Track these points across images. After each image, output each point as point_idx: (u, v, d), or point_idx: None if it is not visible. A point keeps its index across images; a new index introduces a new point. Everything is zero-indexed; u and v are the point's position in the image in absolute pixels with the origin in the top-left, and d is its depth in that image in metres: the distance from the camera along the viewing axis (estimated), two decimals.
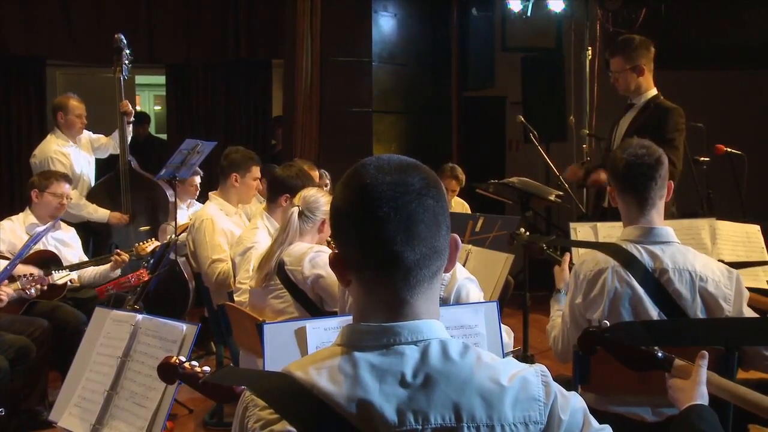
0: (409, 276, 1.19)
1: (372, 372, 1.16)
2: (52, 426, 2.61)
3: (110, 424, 2.37)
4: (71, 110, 5.44)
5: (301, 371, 1.18)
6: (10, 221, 4.61)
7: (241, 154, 4.62)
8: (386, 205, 1.16)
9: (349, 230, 1.21)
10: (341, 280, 1.24)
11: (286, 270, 3.30)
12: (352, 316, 1.25)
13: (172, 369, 1.86)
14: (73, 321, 4.26)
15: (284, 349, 2.41)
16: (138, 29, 6.83)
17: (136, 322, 2.49)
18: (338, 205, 1.22)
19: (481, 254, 3.85)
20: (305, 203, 3.41)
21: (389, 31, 7.04)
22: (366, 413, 1.14)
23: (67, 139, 5.46)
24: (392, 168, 1.20)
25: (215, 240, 4.32)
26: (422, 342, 1.19)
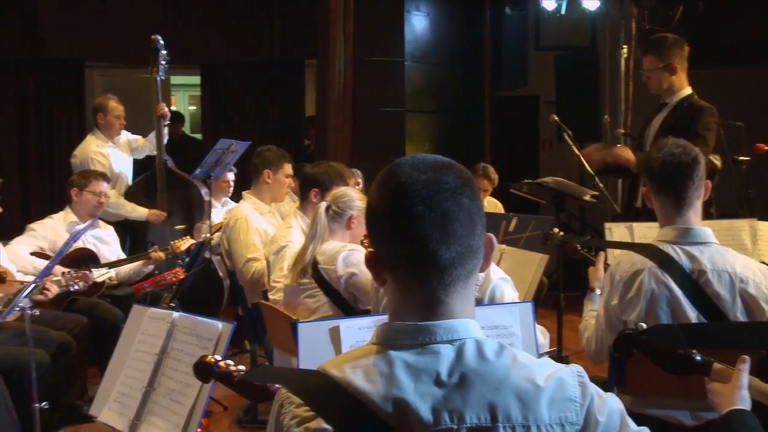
0: (444, 275, 1.19)
1: (407, 371, 1.16)
2: (92, 420, 2.66)
3: (148, 419, 2.41)
4: (111, 111, 5.53)
5: (336, 369, 1.19)
6: (51, 219, 4.70)
7: (273, 151, 4.66)
8: (421, 203, 1.17)
9: (384, 229, 1.21)
10: (377, 279, 1.25)
11: (319, 269, 3.31)
12: (388, 315, 1.25)
13: (207, 368, 1.88)
14: (111, 318, 4.34)
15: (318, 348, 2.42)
16: (174, 30, 6.91)
17: (173, 319, 2.53)
18: (373, 204, 1.23)
19: (515, 254, 3.84)
20: (334, 198, 3.43)
21: (422, 30, 7.03)
22: (401, 412, 1.14)
23: (106, 140, 5.55)
24: (427, 167, 1.20)
25: (249, 239, 4.36)
26: (457, 341, 1.19)
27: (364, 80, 6.76)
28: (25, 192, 6.99)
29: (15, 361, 3.38)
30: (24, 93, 7.07)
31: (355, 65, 6.71)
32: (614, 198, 5.91)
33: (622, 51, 6.84)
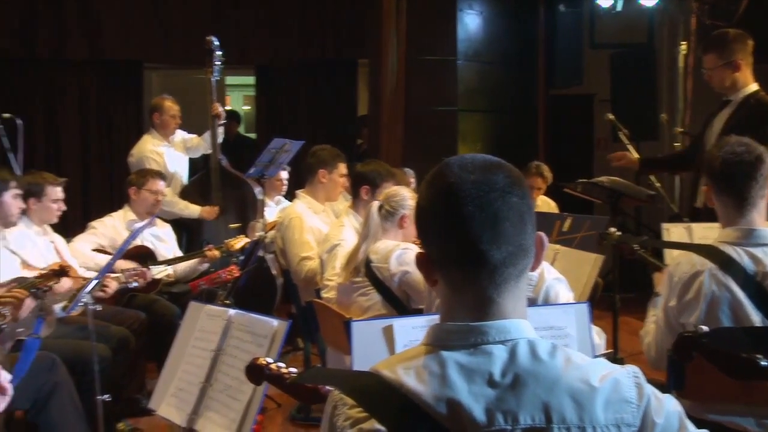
0: (495, 274, 1.18)
1: (460, 371, 1.16)
2: (151, 413, 2.72)
3: (205, 414, 2.45)
4: (166, 111, 5.63)
5: (388, 370, 1.19)
6: (111, 218, 4.82)
7: (327, 151, 4.69)
8: (471, 203, 1.16)
9: (434, 230, 1.21)
10: (428, 280, 1.25)
11: (372, 267, 3.33)
12: (439, 316, 1.25)
13: (258, 370, 1.90)
14: (168, 314, 4.42)
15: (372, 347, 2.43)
16: (228, 31, 7.00)
17: (229, 317, 2.56)
18: (423, 204, 1.23)
19: (570, 254, 3.79)
20: (386, 197, 3.45)
21: (475, 29, 6.99)
22: (455, 413, 1.13)
23: (161, 139, 5.66)
24: (476, 167, 1.20)
25: (303, 238, 4.40)
26: (510, 342, 1.18)
27: (417, 79, 6.75)
28: (86, 190, 7.16)
29: (78, 354, 3.48)
30: (85, 94, 7.24)
31: (407, 64, 6.70)
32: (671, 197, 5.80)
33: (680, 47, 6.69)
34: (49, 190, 4.14)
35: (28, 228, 4.09)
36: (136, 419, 4.12)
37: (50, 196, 4.14)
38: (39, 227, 4.16)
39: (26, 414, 3.27)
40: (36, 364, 3.06)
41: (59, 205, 4.18)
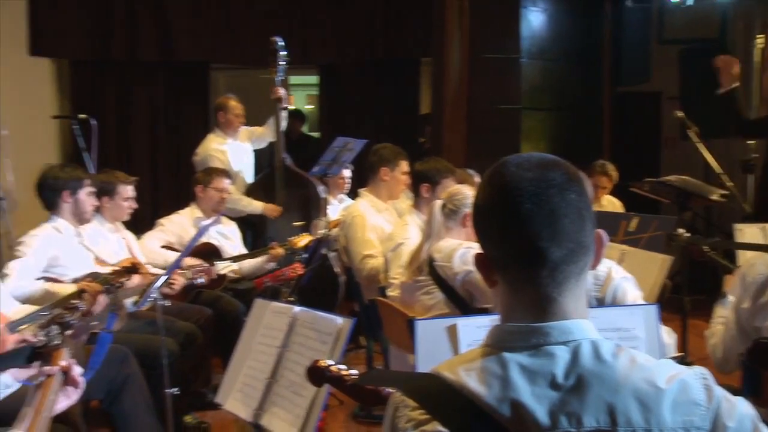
0: (555, 273, 1.16)
1: (522, 373, 1.15)
2: (217, 407, 2.77)
3: (270, 410, 2.48)
4: (231, 110, 5.73)
5: (449, 372, 1.18)
6: (178, 215, 4.94)
7: (389, 149, 4.71)
8: (528, 201, 1.15)
9: (492, 229, 1.20)
10: (487, 281, 1.24)
11: (435, 266, 3.33)
12: (499, 316, 1.24)
13: (319, 372, 1.91)
14: (233, 310, 4.50)
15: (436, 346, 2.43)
16: (292, 31, 7.08)
17: (294, 314, 2.59)
18: (480, 204, 1.23)
19: (637, 255, 3.72)
20: (449, 196, 3.45)
21: (539, 26, 6.90)
22: (518, 415, 1.12)
23: (225, 137, 5.76)
24: (533, 165, 1.19)
25: (366, 236, 4.43)
26: (572, 342, 1.16)
27: (480, 78, 6.70)
28: (155, 189, 7.33)
29: (148, 348, 3.57)
30: (155, 95, 7.42)
31: (470, 63, 6.66)
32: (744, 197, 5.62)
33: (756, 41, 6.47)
34: (121, 189, 4.26)
35: (101, 225, 4.23)
36: (203, 413, 4.20)
37: (122, 195, 4.26)
38: (111, 224, 4.29)
39: (101, 403, 3.37)
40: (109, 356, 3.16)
41: (130, 203, 4.31)
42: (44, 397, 1.93)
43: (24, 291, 3.42)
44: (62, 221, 3.83)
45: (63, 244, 3.78)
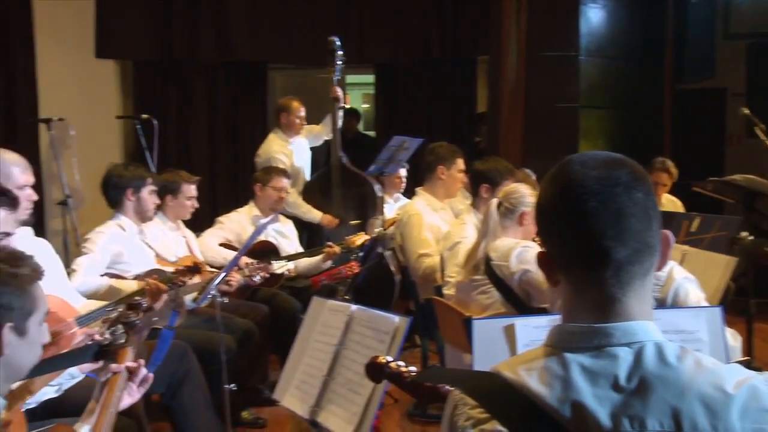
0: (620, 273, 1.14)
1: (584, 374, 1.13)
2: (274, 404, 2.80)
3: (327, 407, 2.49)
4: (293, 111, 5.78)
5: (510, 371, 1.17)
6: (237, 213, 5.01)
7: (445, 148, 4.70)
8: (593, 199, 1.13)
9: (555, 227, 1.18)
10: (549, 281, 1.22)
11: (492, 265, 3.31)
12: (561, 316, 1.22)
13: (378, 368, 1.92)
14: (289, 308, 4.55)
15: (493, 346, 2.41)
16: (349, 31, 7.11)
17: (351, 312, 2.60)
18: (543, 202, 1.21)
19: (699, 256, 3.64)
20: (505, 195, 3.43)
21: (598, 23, 6.79)
22: (579, 416, 1.10)
23: (287, 139, 5.81)
24: (598, 163, 1.17)
25: (422, 235, 4.42)
26: (636, 344, 1.14)
27: (537, 76, 6.63)
28: (213, 187, 7.45)
29: (207, 344, 3.63)
30: (214, 95, 7.54)
31: (527, 61, 6.60)
32: None
33: None
34: (185, 188, 4.35)
35: (163, 223, 4.32)
36: (259, 409, 4.26)
37: (185, 194, 4.35)
38: (173, 223, 4.38)
39: (161, 397, 3.45)
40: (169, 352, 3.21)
41: (193, 202, 4.39)
42: (110, 394, 1.99)
43: (89, 286, 3.52)
44: (126, 219, 3.92)
45: (126, 242, 3.87)
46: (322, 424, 2.48)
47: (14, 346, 1.65)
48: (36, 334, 1.72)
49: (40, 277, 1.73)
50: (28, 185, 2.91)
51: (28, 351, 1.71)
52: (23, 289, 1.66)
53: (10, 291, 1.64)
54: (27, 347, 1.70)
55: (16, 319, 1.65)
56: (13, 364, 1.68)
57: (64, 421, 2.08)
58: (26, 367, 1.74)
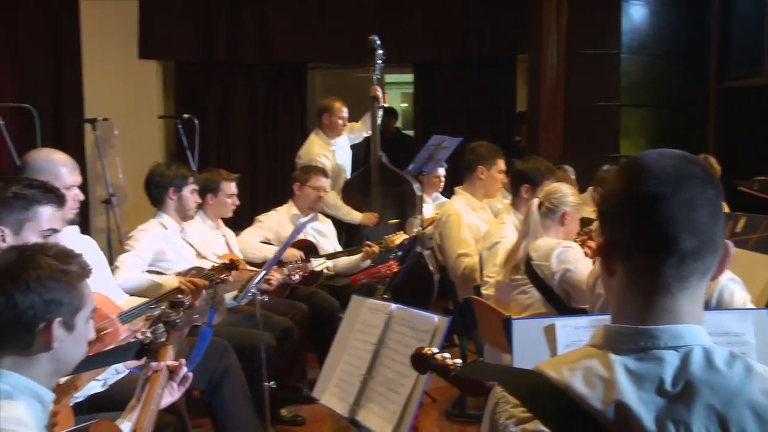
0: (681, 265, 1.12)
1: (628, 376, 1.11)
2: (313, 402, 2.81)
3: (366, 406, 2.50)
4: (336, 112, 5.78)
5: (553, 371, 1.15)
6: (276, 212, 5.05)
7: (486, 147, 4.67)
8: (669, 184, 1.12)
9: (624, 210, 1.16)
10: (606, 269, 1.19)
11: (532, 265, 3.29)
12: (611, 314, 1.20)
13: (424, 359, 1.91)
14: (328, 307, 4.57)
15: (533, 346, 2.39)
16: (389, 30, 7.10)
17: (390, 311, 2.60)
18: (613, 187, 1.19)
19: (744, 256, 3.56)
20: (546, 195, 3.41)
21: (640, 20, 6.69)
22: (623, 418, 1.09)
23: (328, 140, 5.82)
24: (674, 155, 1.17)
25: (461, 234, 4.41)
26: (683, 348, 1.12)
27: (578, 74, 6.56)
28: (253, 186, 7.51)
29: (246, 341, 3.66)
30: (254, 94, 7.60)
31: (568, 59, 6.53)
32: None
33: None
34: (224, 186, 4.39)
35: (203, 222, 4.37)
36: (298, 406, 4.29)
37: (225, 192, 4.39)
38: (213, 221, 4.43)
39: (202, 394, 3.49)
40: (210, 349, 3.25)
41: (233, 200, 4.43)
42: (151, 391, 2.02)
43: (132, 283, 3.57)
44: (167, 217, 3.98)
45: (168, 240, 3.92)
46: (362, 423, 2.48)
47: (62, 341, 1.69)
48: (83, 330, 1.75)
49: (88, 274, 1.77)
50: (75, 185, 2.97)
51: (76, 346, 1.74)
52: (72, 286, 1.70)
53: (60, 287, 1.67)
54: (74, 343, 1.73)
55: (65, 315, 1.69)
56: (61, 359, 1.72)
57: (109, 416, 2.12)
58: (73, 362, 1.77)
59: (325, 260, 4.87)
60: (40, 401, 1.67)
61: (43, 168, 2.89)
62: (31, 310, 1.64)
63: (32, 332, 1.65)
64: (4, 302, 1.63)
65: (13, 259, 1.68)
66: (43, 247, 1.75)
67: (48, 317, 1.66)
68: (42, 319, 1.65)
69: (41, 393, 1.68)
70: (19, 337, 1.65)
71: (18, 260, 1.68)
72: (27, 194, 2.23)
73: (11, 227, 2.21)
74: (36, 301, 1.64)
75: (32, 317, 1.64)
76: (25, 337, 1.66)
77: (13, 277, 1.64)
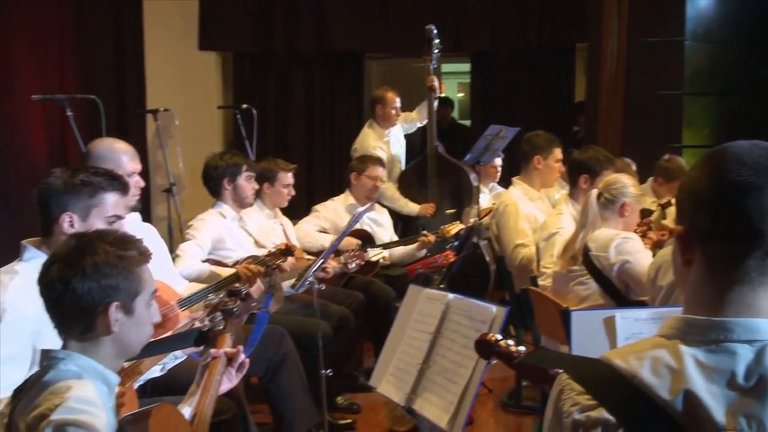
0: (766, 257, 1.09)
1: (698, 368, 1.08)
2: (368, 390, 2.83)
3: (423, 395, 2.50)
4: (388, 103, 5.76)
5: (620, 359, 1.13)
6: (333, 202, 5.08)
7: (542, 137, 4.61)
8: (759, 174, 1.09)
9: (709, 198, 1.13)
10: (682, 259, 1.17)
11: (591, 256, 3.25)
12: (683, 304, 1.17)
13: (488, 345, 1.90)
14: (384, 296, 4.58)
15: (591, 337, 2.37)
16: (446, 19, 7.07)
17: (448, 301, 2.59)
18: (697, 174, 1.16)
19: None
20: (606, 185, 3.36)
21: (706, 6, 6.50)
22: (692, 409, 1.06)
23: (382, 132, 5.82)
24: (762, 146, 1.13)
25: (519, 225, 4.37)
26: (759, 342, 1.08)
27: (639, 63, 6.40)
28: (310, 176, 7.57)
29: (303, 329, 3.70)
30: (311, 84, 7.65)
31: (629, 47, 6.39)
32: None
33: None
34: (281, 176, 4.44)
35: (261, 211, 4.42)
36: (354, 394, 4.32)
37: (282, 181, 4.44)
38: (270, 210, 4.48)
39: (260, 380, 3.54)
40: (268, 336, 3.31)
41: (289, 190, 4.47)
42: (210, 378, 2.06)
43: (192, 271, 3.64)
44: (226, 207, 4.04)
45: (226, 228, 3.98)
46: (418, 412, 2.49)
47: (122, 325, 1.73)
48: (144, 314, 1.79)
49: (147, 259, 1.80)
50: (135, 172, 3.05)
51: (137, 330, 1.78)
52: (130, 271, 1.74)
53: (117, 272, 1.71)
54: (135, 326, 1.77)
55: (122, 299, 1.73)
56: (124, 342, 1.76)
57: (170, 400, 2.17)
58: (137, 345, 1.81)
59: (381, 250, 4.89)
60: (106, 383, 1.72)
61: (106, 156, 2.97)
62: (89, 295, 1.69)
63: (92, 316, 1.70)
64: (63, 288, 1.68)
65: (72, 247, 1.73)
66: (102, 234, 1.79)
67: (106, 301, 1.70)
68: (100, 303, 1.70)
69: (107, 375, 1.73)
70: (81, 321, 1.70)
71: (76, 247, 1.73)
72: (93, 181, 2.29)
73: (79, 213, 2.27)
74: (93, 286, 1.69)
75: (90, 302, 1.69)
76: (87, 321, 1.71)
77: (72, 264, 1.69)
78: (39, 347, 2.05)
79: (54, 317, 1.74)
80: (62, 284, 1.68)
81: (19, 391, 1.69)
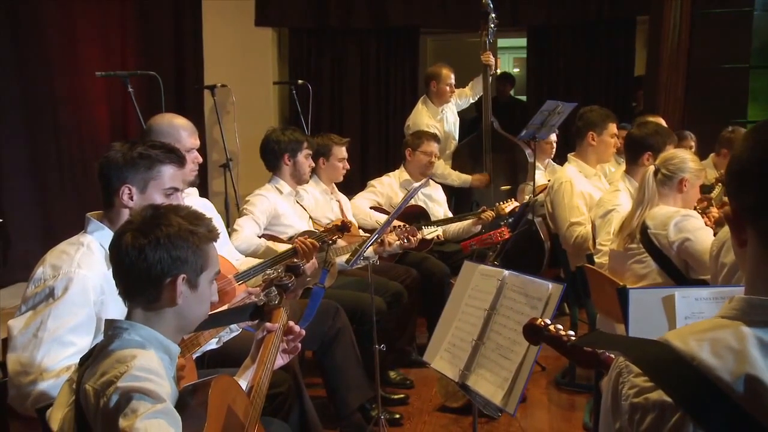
0: None
1: (761, 349, 1.05)
2: (422, 365, 2.84)
3: (477, 371, 2.50)
4: (443, 79, 5.73)
5: (679, 341, 1.11)
6: (388, 177, 5.09)
7: (596, 112, 4.52)
8: None
9: (748, 172, 1.10)
10: (736, 239, 1.14)
11: (649, 234, 3.18)
12: (745, 285, 1.14)
13: (537, 330, 1.88)
14: (438, 272, 4.58)
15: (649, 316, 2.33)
16: None
17: (503, 277, 2.58)
18: (742, 151, 1.12)
19: None
20: (663, 161, 3.27)
21: None
22: (754, 392, 1.03)
23: (436, 109, 5.79)
24: None
25: (574, 202, 4.31)
26: None
27: (702, 35, 6.21)
28: (364, 152, 7.59)
29: (358, 304, 3.73)
30: (366, 60, 7.64)
31: (692, 19, 6.20)
32: None
33: None
34: (336, 150, 4.46)
35: (317, 186, 4.45)
36: (407, 370, 4.35)
37: (336, 156, 4.46)
38: (327, 186, 4.51)
39: (314, 354, 3.59)
40: (323, 310, 3.35)
41: (344, 164, 4.49)
42: (265, 351, 2.09)
43: (248, 246, 3.70)
44: (283, 182, 4.08)
45: (283, 204, 4.02)
46: (472, 388, 2.49)
47: (186, 298, 1.77)
48: (206, 291, 1.83)
49: (215, 238, 1.84)
50: (194, 148, 3.10)
51: (198, 305, 1.82)
52: (198, 246, 1.77)
53: (187, 246, 1.75)
54: (197, 301, 1.81)
55: (189, 273, 1.76)
56: (185, 315, 1.80)
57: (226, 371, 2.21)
58: (196, 319, 1.85)
59: (436, 228, 4.88)
60: (167, 353, 1.76)
61: (166, 131, 3.02)
62: (159, 264, 1.73)
63: (159, 286, 1.74)
64: (136, 255, 1.72)
65: (148, 217, 1.77)
66: (176, 208, 1.83)
67: (174, 273, 1.74)
68: (168, 274, 1.74)
69: (169, 346, 1.77)
70: (148, 290, 1.75)
71: (152, 217, 1.77)
72: (150, 154, 2.34)
73: (137, 186, 2.32)
74: (164, 256, 1.73)
75: (159, 271, 1.73)
76: (153, 291, 1.75)
77: (146, 233, 1.73)
78: (103, 317, 2.12)
79: (122, 284, 1.78)
80: (135, 251, 1.72)
81: (86, 359, 1.75)
